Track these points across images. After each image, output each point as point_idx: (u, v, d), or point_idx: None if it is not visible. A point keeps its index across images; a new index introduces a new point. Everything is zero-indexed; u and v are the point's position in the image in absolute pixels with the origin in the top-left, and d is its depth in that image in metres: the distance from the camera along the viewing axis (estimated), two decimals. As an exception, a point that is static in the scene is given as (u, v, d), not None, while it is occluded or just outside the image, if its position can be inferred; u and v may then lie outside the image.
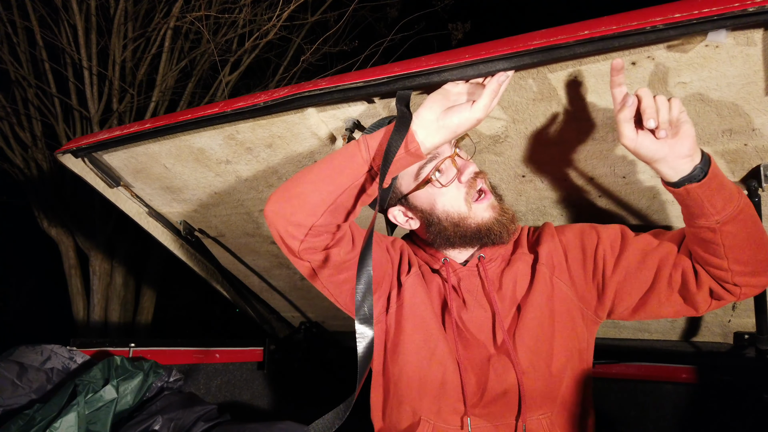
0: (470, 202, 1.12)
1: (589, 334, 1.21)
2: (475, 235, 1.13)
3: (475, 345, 1.16)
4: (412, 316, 1.19)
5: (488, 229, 1.12)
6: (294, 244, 1.02)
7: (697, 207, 0.94)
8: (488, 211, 1.13)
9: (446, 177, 1.11)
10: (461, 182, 1.11)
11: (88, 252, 4.18)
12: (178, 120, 1.28)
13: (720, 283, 1.02)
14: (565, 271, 1.17)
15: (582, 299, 1.18)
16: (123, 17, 3.70)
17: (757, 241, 0.97)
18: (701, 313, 1.09)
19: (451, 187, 1.11)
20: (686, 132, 0.89)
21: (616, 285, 1.13)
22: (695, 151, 0.91)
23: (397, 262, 1.25)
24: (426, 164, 1.11)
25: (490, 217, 1.12)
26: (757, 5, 0.75)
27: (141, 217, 1.85)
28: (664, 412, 2.19)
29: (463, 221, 1.12)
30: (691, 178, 0.91)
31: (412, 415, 1.19)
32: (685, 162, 0.91)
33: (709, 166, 0.91)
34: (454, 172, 1.11)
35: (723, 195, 0.93)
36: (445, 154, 1.11)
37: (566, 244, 1.19)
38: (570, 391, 1.16)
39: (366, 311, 0.86)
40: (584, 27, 0.87)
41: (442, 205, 1.13)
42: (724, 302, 1.06)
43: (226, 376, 2.44)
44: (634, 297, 1.12)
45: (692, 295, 1.06)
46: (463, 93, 0.98)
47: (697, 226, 0.97)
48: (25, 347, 1.73)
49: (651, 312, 1.13)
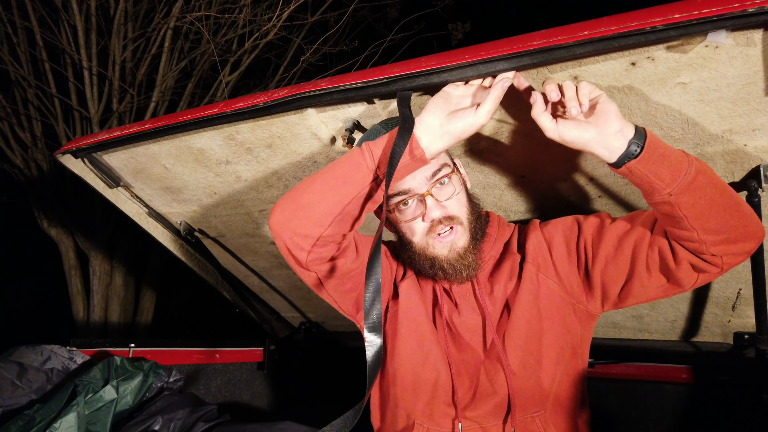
0: (428, 239, 1.11)
1: (583, 329, 1.20)
2: (429, 267, 1.13)
3: (468, 348, 1.17)
4: (406, 321, 1.20)
5: (440, 266, 1.12)
6: (301, 256, 1.02)
7: (645, 183, 0.92)
8: (444, 250, 1.11)
9: (408, 213, 1.11)
10: (424, 221, 1.10)
11: (88, 252, 4.18)
12: (177, 120, 1.28)
13: (697, 255, 0.98)
14: (551, 267, 1.17)
15: (571, 294, 1.17)
16: (123, 17, 3.70)
17: (724, 206, 0.92)
18: (688, 288, 1.05)
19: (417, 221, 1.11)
20: (606, 108, 0.89)
21: (600, 274, 1.12)
22: (624, 126, 0.89)
23: (394, 267, 1.26)
24: (397, 194, 1.09)
25: (445, 257, 1.11)
26: (757, 5, 0.75)
27: (141, 217, 1.85)
28: (664, 412, 2.19)
29: (422, 251, 1.12)
30: (627, 154, 0.90)
31: (407, 418, 1.19)
32: (616, 139, 0.89)
33: (644, 139, 0.89)
34: (421, 210, 1.10)
35: (668, 166, 0.90)
36: (418, 191, 1.08)
37: (549, 239, 1.19)
38: (563, 388, 1.16)
39: (375, 319, 0.86)
40: (584, 27, 0.87)
41: (405, 230, 1.14)
42: (709, 275, 1.01)
43: (226, 377, 2.44)
44: (618, 283, 1.11)
45: (673, 272, 1.02)
46: (465, 96, 0.98)
47: (653, 202, 0.95)
48: (25, 347, 1.73)
49: (639, 296, 1.10)
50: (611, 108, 0.89)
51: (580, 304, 1.18)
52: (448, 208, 1.10)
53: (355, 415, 0.82)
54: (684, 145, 1.12)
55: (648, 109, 1.04)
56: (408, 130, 0.94)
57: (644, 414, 2.23)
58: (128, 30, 3.77)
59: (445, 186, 1.10)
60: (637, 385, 2.25)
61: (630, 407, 2.27)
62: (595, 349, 1.24)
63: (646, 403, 2.24)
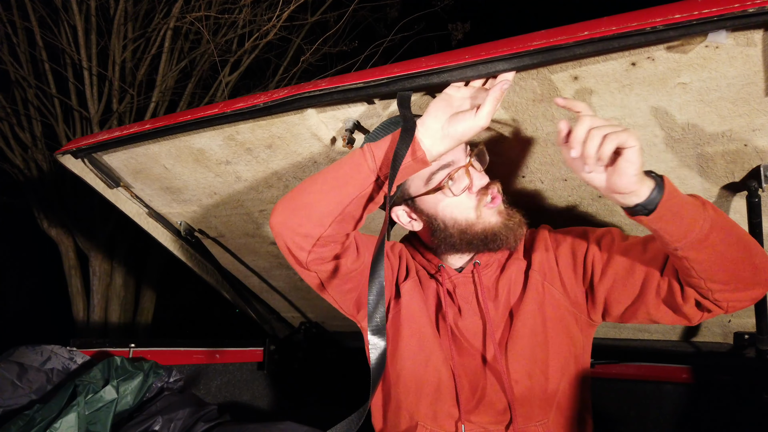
0: (480, 209, 1.10)
1: (585, 337, 1.20)
2: (481, 240, 1.11)
3: (470, 352, 1.16)
4: (408, 322, 1.19)
5: (494, 234, 1.10)
6: (302, 255, 1.02)
7: (656, 234, 0.92)
8: (495, 216, 1.11)
9: (458, 186, 1.08)
10: (472, 192, 1.09)
11: (88, 252, 4.18)
12: (177, 121, 1.28)
13: (704, 297, 0.99)
14: (557, 277, 1.17)
15: (575, 304, 1.17)
16: (123, 18, 3.70)
17: (734, 261, 0.92)
18: (694, 323, 1.06)
19: (461, 196, 1.09)
20: (622, 169, 0.84)
21: (605, 291, 1.11)
22: (638, 188, 0.86)
23: (396, 267, 1.25)
24: (439, 170, 1.08)
25: (497, 222, 1.10)
26: (757, 6, 0.75)
27: (141, 217, 1.85)
28: (664, 412, 2.19)
29: (470, 227, 1.10)
30: (634, 212, 0.90)
31: (410, 419, 1.19)
32: (627, 198, 0.88)
33: (660, 197, 0.87)
34: (466, 182, 1.08)
35: (680, 224, 0.89)
36: (460, 162, 1.08)
37: (558, 249, 1.18)
38: (566, 397, 1.16)
39: (378, 321, 0.86)
40: (584, 28, 0.87)
41: (450, 212, 1.11)
42: (714, 314, 1.02)
43: (226, 377, 2.44)
44: (623, 304, 1.11)
45: (680, 307, 1.03)
46: (466, 98, 0.98)
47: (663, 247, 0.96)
48: (25, 348, 1.73)
49: (642, 319, 1.11)
50: (629, 171, 0.84)
51: (583, 315, 1.18)
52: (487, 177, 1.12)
53: (359, 418, 0.82)
54: (684, 145, 1.12)
55: (648, 109, 1.04)
56: (410, 132, 0.93)
57: (644, 414, 2.23)
58: (128, 30, 3.78)
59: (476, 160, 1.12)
60: (637, 385, 2.25)
61: (630, 407, 2.27)
62: (595, 349, 1.24)
63: (646, 403, 2.24)
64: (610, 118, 1.10)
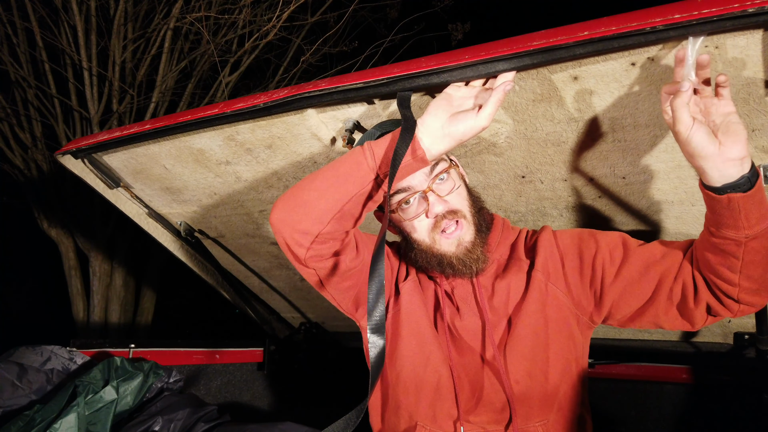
0: (434, 236, 1.10)
1: (584, 338, 1.21)
2: (437, 263, 1.12)
3: (469, 352, 1.16)
4: (408, 323, 1.20)
5: (449, 263, 1.11)
6: (300, 252, 1.02)
7: (731, 218, 0.89)
8: (452, 246, 1.10)
9: (410, 212, 1.10)
10: (428, 217, 1.10)
11: (88, 253, 4.18)
12: (177, 121, 1.28)
13: (720, 298, 1.00)
14: (561, 278, 1.16)
15: (578, 306, 1.17)
16: (123, 18, 3.70)
17: None
18: (696, 328, 1.07)
19: (421, 220, 1.10)
20: (738, 131, 0.83)
21: (615, 294, 1.11)
22: (746, 157, 0.85)
23: (396, 268, 1.25)
24: (395, 194, 1.09)
25: (453, 253, 1.10)
26: (757, 6, 0.75)
27: (141, 218, 1.85)
28: (664, 412, 2.19)
29: (429, 249, 1.12)
30: (735, 186, 0.86)
31: (409, 419, 1.19)
32: (733, 166, 0.85)
33: (757, 177, 0.86)
34: (424, 206, 1.09)
35: (761, 210, 0.88)
36: (418, 188, 1.08)
37: (563, 250, 1.18)
38: (566, 398, 1.16)
39: (378, 319, 0.86)
40: (584, 28, 0.87)
41: (410, 229, 1.13)
42: (719, 319, 1.04)
43: (226, 377, 2.44)
44: (632, 307, 1.11)
45: (690, 311, 1.04)
46: (467, 97, 0.98)
47: (722, 236, 0.92)
48: (25, 348, 1.73)
49: (648, 322, 1.12)
50: (743, 135, 0.83)
51: (585, 316, 1.18)
52: (450, 203, 1.09)
53: (357, 416, 0.82)
54: (684, 145, 1.12)
55: (648, 109, 1.04)
56: (410, 131, 0.94)
57: (644, 414, 2.23)
58: (128, 30, 3.78)
59: (444, 181, 1.10)
60: (637, 385, 2.25)
61: (630, 407, 2.27)
62: (595, 349, 1.24)
63: (646, 403, 2.24)
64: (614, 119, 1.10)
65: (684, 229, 1.40)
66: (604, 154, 1.21)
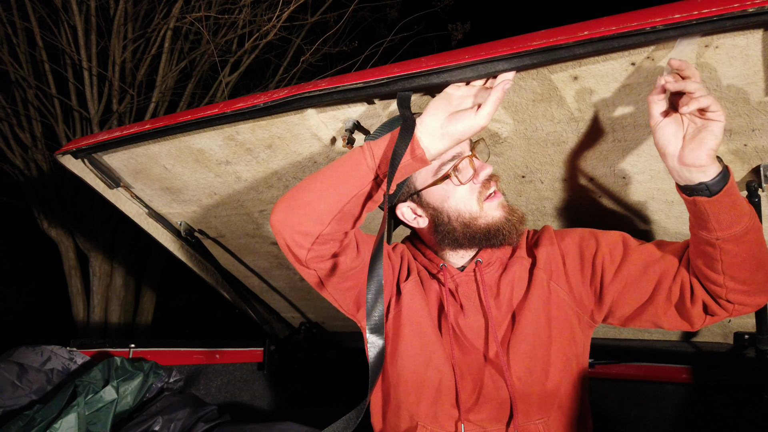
0: (482, 201, 1.11)
1: (585, 337, 1.21)
2: (483, 235, 1.12)
3: (472, 350, 1.16)
4: (409, 322, 1.20)
5: (497, 229, 1.11)
6: (301, 253, 1.02)
7: (701, 219, 0.93)
8: (498, 210, 1.12)
9: (464, 176, 1.09)
10: (476, 183, 1.11)
11: (88, 253, 4.18)
12: (177, 121, 1.28)
13: (713, 297, 1.01)
14: (563, 276, 1.17)
15: (579, 304, 1.18)
16: (123, 18, 3.70)
17: (759, 263, 0.95)
18: (696, 328, 1.08)
19: (465, 186, 1.10)
20: (704, 139, 0.85)
21: (615, 293, 1.12)
22: (709, 165, 0.87)
23: (397, 268, 1.25)
24: (446, 161, 1.10)
25: (500, 217, 1.11)
26: (757, 5, 0.75)
27: (141, 218, 1.85)
28: (664, 412, 2.19)
29: (473, 221, 1.11)
30: (697, 190, 0.89)
31: (410, 419, 1.19)
32: (691, 171, 0.88)
33: (725, 182, 0.88)
34: (471, 172, 1.10)
35: (732, 214, 0.90)
36: (465, 153, 1.10)
37: (565, 249, 1.18)
38: (567, 396, 1.16)
39: (377, 319, 0.86)
40: (584, 28, 0.87)
41: (455, 203, 1.11)
42: (717, 318, 1.05)
43: (226, 377, 2.44)
44: (631, 306, 1.12)
45: (687, 310, 1.05)
46: (466, 97, 0.98)
47: (696, 236, 0.96)
48: (25, 348, 1.73)
49: (647, 322, 1.13)
50: (710, 144, 0.85)
51: (586, 315, 1.19)
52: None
53: (357, 416, 0.82)
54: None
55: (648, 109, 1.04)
56: (409, 130, 0.94)
57: (644, 414, 2.23)
58: (128, 30, 3.77)
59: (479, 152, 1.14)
60: (637, 385, 2.25)
61: (630, 407, 2.27)
62: (595, 349, 1.25)
63: (646, 403, 2.24)
64: (614, 119, 1.10)
65: (684, 229, 1.40)
66: (604, 154, 1.21)
